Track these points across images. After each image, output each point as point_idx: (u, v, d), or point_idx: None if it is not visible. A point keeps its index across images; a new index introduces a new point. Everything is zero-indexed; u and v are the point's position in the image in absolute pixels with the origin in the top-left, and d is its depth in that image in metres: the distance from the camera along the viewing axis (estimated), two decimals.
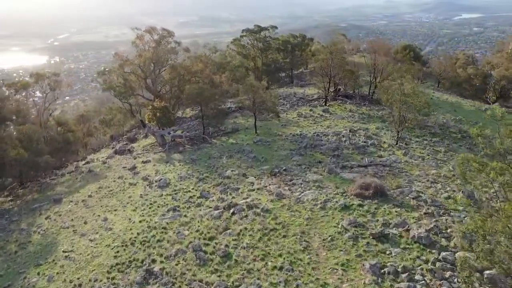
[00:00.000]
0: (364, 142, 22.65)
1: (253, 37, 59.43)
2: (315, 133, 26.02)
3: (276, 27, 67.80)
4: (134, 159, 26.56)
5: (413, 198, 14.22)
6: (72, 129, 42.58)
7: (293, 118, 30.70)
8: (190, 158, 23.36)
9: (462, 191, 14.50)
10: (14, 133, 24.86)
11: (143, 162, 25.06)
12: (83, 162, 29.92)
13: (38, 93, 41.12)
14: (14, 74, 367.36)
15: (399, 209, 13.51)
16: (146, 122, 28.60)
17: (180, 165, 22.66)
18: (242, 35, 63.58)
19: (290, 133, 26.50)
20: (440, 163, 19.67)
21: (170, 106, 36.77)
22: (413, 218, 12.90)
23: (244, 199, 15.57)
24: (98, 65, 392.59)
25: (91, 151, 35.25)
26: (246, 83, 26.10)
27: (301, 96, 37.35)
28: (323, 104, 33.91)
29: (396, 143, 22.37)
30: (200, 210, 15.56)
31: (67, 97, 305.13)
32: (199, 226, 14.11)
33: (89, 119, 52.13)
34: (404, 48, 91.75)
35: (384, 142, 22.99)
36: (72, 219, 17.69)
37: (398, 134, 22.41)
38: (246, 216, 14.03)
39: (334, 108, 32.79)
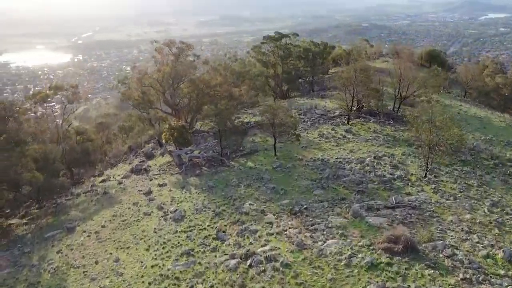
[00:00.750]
0: (390, 174, 21.35)
1: (274, 44, 58.48)
2: (337, 158, 24.84)
3: (297, 34, 66.60)
4: (150, 180, 25.94)
5: (447, 257, 12.94)
6: (91, 138, 42.46)
7: (314, 138, 29.58)
8: (207, 185, 22.53)
9: (503, 250, 13.17)
10: (30, 153, 24.45)
11: (159, 185, 24.39)
12: (100, 179, 29.56)
13: (57, 106, 41.10)
14: (39, 72, 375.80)
15: (432, 271, 12.26)
16: (163, 141, 27.97)
17: (196, 192, 21.86)
18: (263, 42, 62.70)
19: (311, 158, 25.41)
20: (474, 203, 18.27)
21: (189, 119, 36.16)
22: (449, 285, 11.65)
23: (262, 246, 14.58)
24: (120, 64, 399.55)
25: (108, 165, 34.86)
26: (266, 104, 25.11)
27: (323, 112, 36.08)
28: (346, 122, 32.62)
29: (425, 176, 21.02)
30: (216, 256, 14.66)
31: (89, 95, 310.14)
32: (213, 280, 13.21)
33: (108, 126, 52.12)
34: (428, 54, 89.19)
35: (412, 174, 21.66)
36: (83, 256, 17.09)
37: (426, 167, 21.03)
38: (264, 271, 13.04)
39: (357, 128, 31.48)
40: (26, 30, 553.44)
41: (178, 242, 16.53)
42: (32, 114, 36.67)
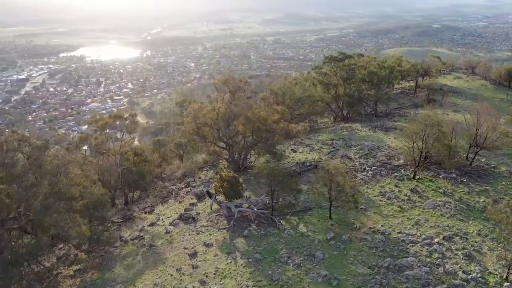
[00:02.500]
0: (463, 271, 18.38)
1: (336, 65, 55.90)
2: (400, 233, 22.21)
3: (362, 55, 63.24)
4: (197, 234, 25.02)
5: None
6: (148, 159, 42.90)
7: (374, 197, 26.98)
8: (254, 256, 21.04)
9: None
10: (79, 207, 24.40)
11: (206, 244, 23.34)
12: (149, 220, 29.31)
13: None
14: (111, 66, 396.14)
15: None
16: (213, 191, 26.96)
17: (242, 265, 20.47)
18: (325, 61, 60.31)
19: (370, 228, 22.97)
20: None
21: (242, 154, 34.99)
22: None
23: None
24: (185, 60, 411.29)
25: (160, 197, 34.69)
26: (323, 171, 23.11)
27: (386, 158, 33.05)
28: (412, 176, 29.50)
29: (506, 278, 17.90)
30: None
31: (155, 90, 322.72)
32: None
33: (165, 144, 52.77)
34: (508, 72, 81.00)
35: (490, 272, 18.62)
36: None
37: (508, 270, 17.87)
38: None
39: (424, 186, 28.30)
40: (102, 25, 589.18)
41: None
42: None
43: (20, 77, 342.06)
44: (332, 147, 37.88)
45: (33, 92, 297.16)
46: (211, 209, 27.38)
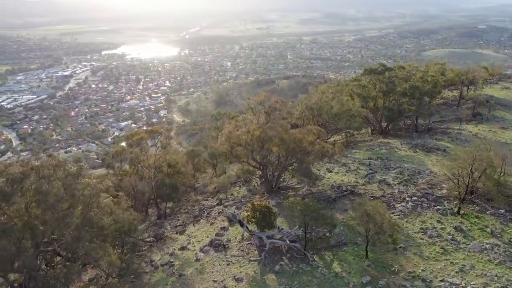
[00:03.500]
0: None
1: (376, 78, 54.01)
2: (442, 281, 20.61)
3: (403, 67, 60.97)
4: (227, 265, 24.45)
5: None
6: (181, 170, 42.97)
7: (414, 233, 25.33)
8: None
9: None
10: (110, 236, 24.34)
11: (236, 279, 22.70)
12: (179, 242, 29.05)
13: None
14: (150, 64, 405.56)
15: None
16: (244, 220, 26.29)
17: None
18: (364, 73, 58.62)
19: (410, 273, 21.50)
20: None
21: (275, 175, 34.18)
22: None
23: None
24: (222, 59, 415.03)
25: (192, 215, 34.43)
26: (361, 210, 21.88)
27: (427, 188, 31.13)
28: (456, 211, 27.56)
29: None
30: None
31: (191, 89, 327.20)
32: None
33: (199, 154, 52.84)
34: None
35: None
36: None
37: None
38: None
39: (469, 223, 26.32)
40: (143, 24, 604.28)
41: None
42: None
43: (65, 73, 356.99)
44: (369, 168, 36.33)
45: (76, 88, 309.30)
46: (242, 238, 26.77)
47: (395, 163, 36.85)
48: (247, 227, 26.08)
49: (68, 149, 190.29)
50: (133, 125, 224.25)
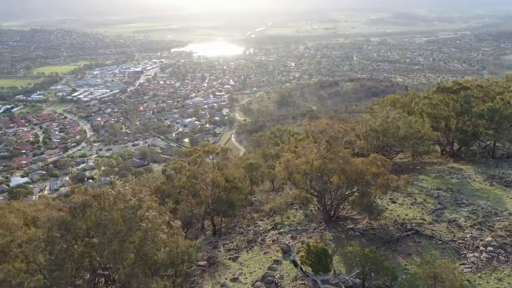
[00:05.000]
0: None
1: (449, 97, 50.15)
2: None
3: (481, 86, 56.22)
4: None
5: None
6: (238, 185, 42.89)
7: None
8: None
9: None
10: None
11: None
12: (231, 270, 28.70)
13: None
14: (215, 62, 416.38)
15: None
16: (298, 261, 25.25)
17: None
18: (436, 91, 54.80)
19: None
20: None
21: (334, 204, 32.75)
22: None
23: None
24: (286, 59, 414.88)
25: (245, 242, 33.98)
26: (428, 268, 19.89)
27: (505, 236, 27.72)
28: None
29: None
30: None
31: (254, 88, 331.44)
32: None
33: (258, 168, 52.52)
34: None
35: None
36: None
37: None
38: None
39: None
40: (211, 23, 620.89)
41: None
42: None
43: (136, 69, 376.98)
44: (437, 202, 33.52)
45: (146, 84, 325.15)
46: (296, 278, 25.76)
47: (468, 198, 33.63)
48: (301, 268, 25.06)
49: (135, 142, 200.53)
50: (196, 122, 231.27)
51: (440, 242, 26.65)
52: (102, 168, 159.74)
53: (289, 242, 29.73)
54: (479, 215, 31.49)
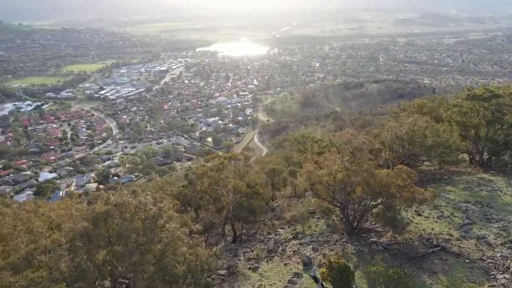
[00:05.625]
0: None
1: (480, 105, 48.45)
2: None
3: None
4: None
5: None
6: (260, 191, 42.72)
7: None
8: None
9: None
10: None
11: None
12: (252, 281, 28.53)
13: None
14: (240, 62, 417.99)
15: None
16: (319, 277, 24.77)
17: None
18: (466, 98, 53.09)
19: None
20: None
21: (357, 216, 32.10)
22: None
23: None
24: (310, 59, 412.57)
25: (265, 251, 33.71)
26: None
27: None
28: None
29: None
30: None
31: (278, 88, 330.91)
32: None
33: (280, 173, 52.25)
34: None
35: None
36: None
37: None
38: None
39: None
40: (236, 23, 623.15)
41: None
42: None
43: (162, 68, 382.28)
44: (466, 216, 32.29)
45: (171, 83, 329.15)
46: None
47: (498, 213, 32.24)
48: (322, 284, 24.60)
49: (159, 140, 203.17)
50: (219, 121, 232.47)
51: (468, 260, 25.71)
52: (127, 165, 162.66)
53: (310, 254, 29.30)
54: (510, 232, 30.25)
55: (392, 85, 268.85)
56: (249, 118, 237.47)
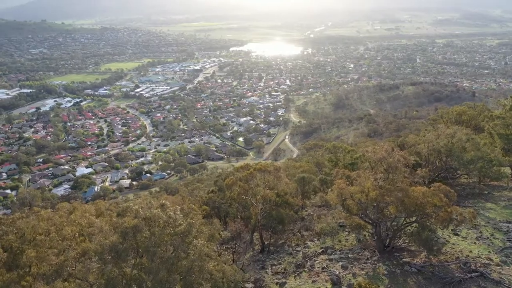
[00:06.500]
0: None
1: None
2: None
3: None
4: None
5: None
6: (289, 201, 42.20)
7: None
8: None
9: None
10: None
11: None
12: None
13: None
14: (273, 62, 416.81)
15: None
16: None
17: None
18: (509, 109, 50.50)
19: None
20: None
21: (390, 234, 31.02)
22: None
23: None
24: (344, 60, 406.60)
25: (293, 265, 33.15)
26: None
27: None
28: None
29: None
30: None
31: (311, 89, 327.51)
32: None
33: (310, 181, 51.52)
34: None
35: None
36: None
37: None
38: None
39: None
40: (271, 22, 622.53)
41: None
42: None
43: (196, 67, 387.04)
44: (507, 238, 30.48)
45: (204, 82, 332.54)
46: None
47: None
48: None
49: (191, 139, 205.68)
50: (251, 121, 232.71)
51: None
52: (160, 163, 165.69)
53: (339, 272, 28.51)
54: None
55: (429, 88, 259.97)
56: (281, 118, 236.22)
